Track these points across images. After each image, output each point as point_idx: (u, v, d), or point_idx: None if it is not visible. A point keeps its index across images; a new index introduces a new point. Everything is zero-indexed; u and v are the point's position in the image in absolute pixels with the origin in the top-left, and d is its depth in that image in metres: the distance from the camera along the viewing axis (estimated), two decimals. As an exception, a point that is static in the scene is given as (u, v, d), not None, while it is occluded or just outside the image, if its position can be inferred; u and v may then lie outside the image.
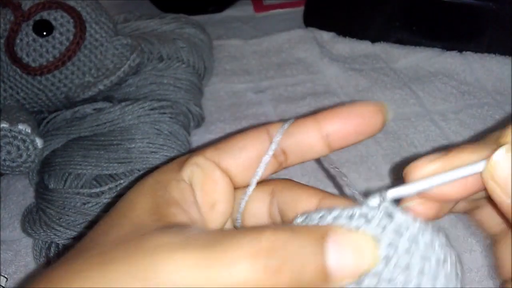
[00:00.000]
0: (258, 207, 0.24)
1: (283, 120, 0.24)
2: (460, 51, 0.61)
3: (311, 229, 0.19)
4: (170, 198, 0.21)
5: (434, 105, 0.55)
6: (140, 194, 0.22)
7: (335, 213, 0.20)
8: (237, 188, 0.24)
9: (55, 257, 0.41)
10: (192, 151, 0.24)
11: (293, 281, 0.18)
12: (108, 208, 0.41)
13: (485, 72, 0.59)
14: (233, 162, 0.23)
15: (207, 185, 0.23)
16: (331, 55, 0.63)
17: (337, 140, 0.23)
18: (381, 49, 0.63)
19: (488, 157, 0.20)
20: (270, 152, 0.23)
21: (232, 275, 0.17)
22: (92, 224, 0.41)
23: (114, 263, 0.18)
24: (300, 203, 0.24)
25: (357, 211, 0.20)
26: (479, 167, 0.20)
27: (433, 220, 0.21)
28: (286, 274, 0.18)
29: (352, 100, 0.57)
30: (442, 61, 0.60)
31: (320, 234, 0.19)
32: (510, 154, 0.19)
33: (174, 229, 0.19)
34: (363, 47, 0.64)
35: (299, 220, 0.22)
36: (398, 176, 0.48)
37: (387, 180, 0.48)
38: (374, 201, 0.21)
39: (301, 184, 0.25)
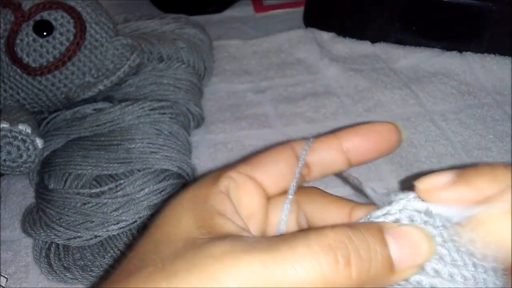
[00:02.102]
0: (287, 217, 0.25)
1: (305, 138, 0.26)
2: (460, 51, 0.61)
3: (368, 225, 0.20)
4: (213, 210, 0.21)
5: (434, 105, 0.55)
6: (181, 210, 0.22)
7: (386, 214, 0.21)
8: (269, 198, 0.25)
9: (55, 258, 0.41)
10: (224, 168, 0.25)
11: (362, 273, 0.18)
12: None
13: (485, 73, 0.59)
14: (265, 175, 0.24)
15: (243, 198, 0.23)
16: (331, 55, 0.63)
17: (356, 156, 0.25)
18: (381, 49, 0.63)
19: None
20: (300, 165, 0.24)
21: (305, 270, 0.18)
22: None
23: (180, 275, 0.18)
24: (330, 212, 0.25)
25: (403, 214, 0.21)
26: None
27: None
28: (355, 267, 0.18)
29: (353, 100, 0.57)
30: (442, 61, 0.60)
31: (378, 228, 0.20)
32: None
33: (230, 238, 0.19)
34: (363, 47, 0.64)
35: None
36: (404, 185, 0.48)
37: (387, 181, 0.48)
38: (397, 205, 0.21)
39: (327, 193, 0.26)
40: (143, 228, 0.41)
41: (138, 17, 0.61)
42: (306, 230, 0.19)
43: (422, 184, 0.21)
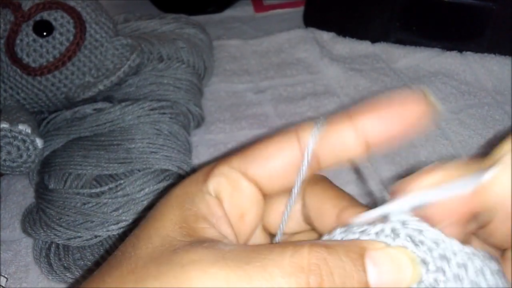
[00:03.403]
0: (291, 213, 0.23)
1: (312, 120, 0.21)
2: (460, 51, 0.61)
3: (349, 246, 0.19)
4: (198, 212, 0.21)
5: (434, 105, 0.55)
6: (168, 206, 0.22)
7: (377, 228, 0.20)
8: (267, 195, 0.23)
9: (55, 257, 0.41)
10: (218, 158, 0.23)
11: None
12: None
13: (485, 72, 0.58)
14: (260, 171, 0.22)
15: (234, 196, 0.22)
16: (331, 55, 0.63)
17: (376, 139, 0.21)
18: (381, 49, 0.63)
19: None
20: (306, 160, 0.21)
21: None
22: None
23: (147, 281, 0.18)
24: (324, 210, 0.23)
25: (401, 229, 0.19)
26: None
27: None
28: None
29: (353, 100, 0.57)
30: (442, 61, 0.60)
31: (359, 250, 0.18)
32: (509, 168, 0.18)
33: (205, 245, 0.19)
34: (363, 47, 0.64)
35: (338, 232, 0.21)
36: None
37: (387, 180, 0.48)
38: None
39: (330, 186, 0.23)
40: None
41: (138, 17, 0.61)
42: (283, 246, 0.18)
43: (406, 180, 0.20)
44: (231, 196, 0.22)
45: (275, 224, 0.23)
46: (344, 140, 0.21)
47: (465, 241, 0.20)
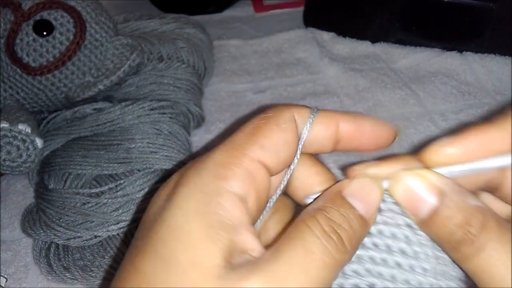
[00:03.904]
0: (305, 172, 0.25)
1: (307, 107, 0.24)
2: (460, 51, 0.61)
3: (332, 198, 0.22)
4: (227, 222, 0.20)
5: (434, 105, 0.55)
6: (187, 218, 0.20)
7: None
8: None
9: (55, 258, 0.41)
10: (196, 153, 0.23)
11: (353, 240, 0.21)
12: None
13: (485, 72, 0.58)
14: (271, 156, 0.23)
15: (258, 193, 0.22)
16: (331, 55, 0.63)
17: (344, 143, 0.25)
18: (381, 49, 0.63)
19: None
20: (299, 152, 0.24)
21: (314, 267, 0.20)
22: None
23: None
24: (311, 183, 0.25)
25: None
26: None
27: None
28: (346, 240, 0.20)
29: (353, 100, 0.57)
30: (442, 61, 0.60)
31: (340, 197, 0.22)
32: None
33: (256, 275, 0.19)
34: (363, 47, 0.64)
35: (309, 200, 0.24)
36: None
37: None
38: None
39: (316, 163, 0.25)
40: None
41: (138, 17, 0.61)
42: (287, 239, 0.20)
43: (430, 154, 0.23)
44: (256, 197, 0.22)
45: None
46: (324, 133, 0.24)
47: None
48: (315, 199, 0.23)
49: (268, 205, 0.23)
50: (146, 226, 0.21)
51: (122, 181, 0.42)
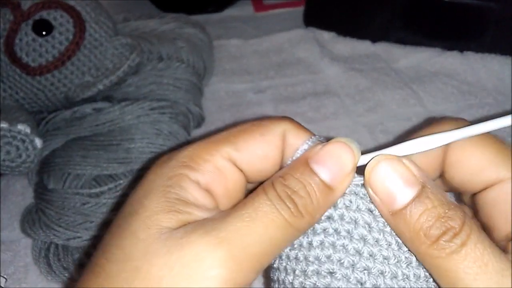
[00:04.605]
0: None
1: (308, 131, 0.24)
2: (461, 51, 0.60)
3: (294, 164, 0.22)
4: (188, 201, 0.21)
5: (435, 105, 0.55)
6: (149, 195, 0.21)
7: None
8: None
9: (55, 258, 0.41)
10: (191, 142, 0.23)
11: (309, 206, 0.21)
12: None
13: (486, 72, 0.58)
14: (248, 160, 0.23)
15: (231, 193, 0.23)
16: (331, 55, 0.63)
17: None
18: (382, 49, 0.63)
19: None
20: (295, 157, 0.24)
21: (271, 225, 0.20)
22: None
23: (165, 282, 0.19)
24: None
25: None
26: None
27: None
28: (301, 207, 0.20)
29: (353, 100, 0.57)
30: (443, 61, 0.60)
31: (303, 162, 0.21)
32: None
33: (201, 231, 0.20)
34: (364, 47, 0.64)
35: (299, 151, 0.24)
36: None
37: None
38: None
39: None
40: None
41: (138, 17, 0.61)
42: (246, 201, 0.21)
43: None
44: (224, 193, 0.22)
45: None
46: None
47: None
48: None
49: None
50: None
51: (121, 181, 0.42)
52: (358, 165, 0.22)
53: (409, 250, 0.21)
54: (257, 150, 0.23)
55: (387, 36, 0.63)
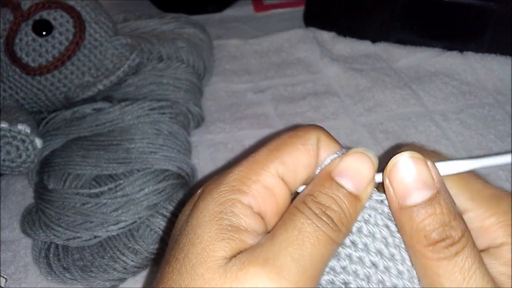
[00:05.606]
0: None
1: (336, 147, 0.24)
2: (461, 51, 0.60)
3: (320, 180, 0.22)
4: (242, 227, 0.21)
5: (435, 105, 0.55)
6: (202, 224, 0.22)
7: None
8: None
9: (55, 258, 0.41)
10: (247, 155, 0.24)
11: (344, 219, 0.21)
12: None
13: (486, 72, 0.58)
14: (292, 174, 0.23)
15: (281, 209, 0.23)
16: (331, 55, 0.63)
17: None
18: (382, 49, 0.63)
19: None
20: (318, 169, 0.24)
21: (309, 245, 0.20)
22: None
23: None
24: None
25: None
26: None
27: None
28: (337, 220, 0.21)
29: (353, 100, 0.57)
30: (443, 61, 0.60)
31: (328, 177, 0.22)
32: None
33: (260, 261, 0.20)
34: (364, 47, 0.64)
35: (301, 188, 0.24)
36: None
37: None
38: None
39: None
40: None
41: (138, 17, 0.61)
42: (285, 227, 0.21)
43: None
44: (276, 211, 0.23)
45: None
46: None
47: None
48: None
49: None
50: (172, 240, 0.23)
51: (121, 181, 0.42)
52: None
53: (404, 243, 0.22)
54: (303, 161, 0.23)
55: (387, 36, 0.63)
